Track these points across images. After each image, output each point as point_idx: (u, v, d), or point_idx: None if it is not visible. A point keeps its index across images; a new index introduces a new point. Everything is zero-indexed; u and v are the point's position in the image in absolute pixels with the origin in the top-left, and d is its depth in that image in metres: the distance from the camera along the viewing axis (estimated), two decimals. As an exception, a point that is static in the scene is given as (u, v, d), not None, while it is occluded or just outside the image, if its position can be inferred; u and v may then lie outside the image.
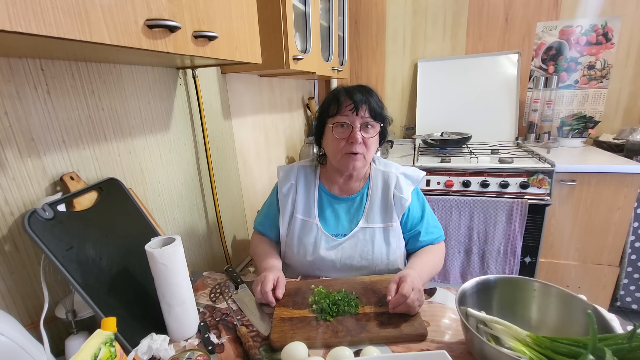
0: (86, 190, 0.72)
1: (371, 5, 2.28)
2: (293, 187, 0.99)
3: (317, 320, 0.73)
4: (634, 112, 2.00)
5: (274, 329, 0.71)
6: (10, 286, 0.63)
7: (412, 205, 0.96)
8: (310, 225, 0.95)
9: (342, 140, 0.88)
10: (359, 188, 0.98)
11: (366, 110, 0.87)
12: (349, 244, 0.93)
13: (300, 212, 0.97)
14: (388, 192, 0.95)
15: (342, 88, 0.91)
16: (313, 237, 0.95)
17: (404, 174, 0.98)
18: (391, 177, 0.96)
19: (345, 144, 0.88)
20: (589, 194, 1.59)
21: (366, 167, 0.96)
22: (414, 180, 0.97)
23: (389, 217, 0.93)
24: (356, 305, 0.75)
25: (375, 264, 0.92)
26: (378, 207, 0.95)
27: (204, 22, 0.66)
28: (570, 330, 0.61)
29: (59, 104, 0.69)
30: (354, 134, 0.86)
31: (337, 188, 0.99)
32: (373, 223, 0.93)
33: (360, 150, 0.87)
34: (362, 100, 0.87)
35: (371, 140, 0.89)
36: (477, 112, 2.15)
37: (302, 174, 1.00)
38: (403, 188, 0.94)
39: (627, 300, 1.73)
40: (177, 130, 1.05)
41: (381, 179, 0.97)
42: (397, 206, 0.93)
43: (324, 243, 0.94)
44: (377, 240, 0.92)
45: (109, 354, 0.50)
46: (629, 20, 1.89)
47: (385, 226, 0.93)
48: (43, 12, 0.38)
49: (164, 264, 0.65)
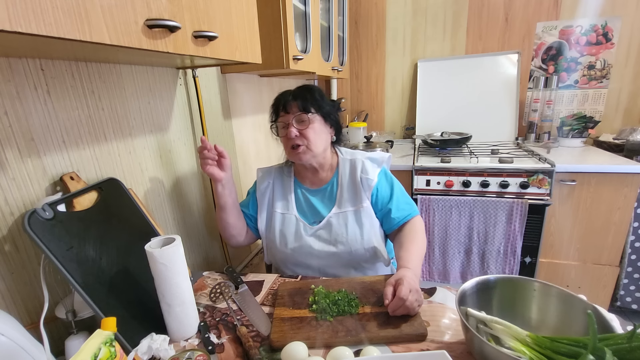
0: (86, 190, 0.72)
1: (371, 5, 2.28)
2: (270, 185, 1.06)
3: (317, 320, 0.73)
4: (634, 112, 2.00)
5: (274, 329, 0.71)
6: (10, 286, 0.63)
7: (380, 185, 1.01)
8: (290, 217, 1.02)
9: (284, 138, 0.97)
10: (328, 178, 1.05)
11: (295, 105, 0.95)
12: (324, 230, 0.99)
13: (280, 208, 1.04)
14: (355, 176, 1.01)
15: (277, 95, 1.00)
16: (293, 227, 1.01)
17: (370, 158, 1.04)
18: (357, 163, 1.02)
19: (287, 140, 0.96)
20: (589, 194, 1.59)
21: (318, 156, 0.99)
22: (379, 162, 1.03)
23: (359, 200, 0.99)
24: (356, 305, 0.75)
25: (350, 245, 0.96)
26: (347, 192, 1.00)
27: (204, 22, 0.65)
28: (570, 330, 0.61)
29: (59, 104, 0.69)
30: (288, 130, 0.94)
31: (309, 181, 1.06)
32: (345, 208, 0.99)
33: (299, 142, 0.94)
34: (291, 99, 0.95)
35: (307, 131, 0.95)
36: (477, 112, 2.15)
37: (279, 174, 1.08)
38: (369, 170, 1.00)
39: (627, 300, 1.73)
40: (177, 130, 1.05)
41: (349, 166, 1.03)
42: (365, 187, 0.99)
43: (302, 232, 1.00)
44: (349, 223, 0.97)
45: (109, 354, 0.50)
46: (629, 20, 1.89)
47: (356, 209, 0.98)
48: (43, 12, 0.38)
49: (164, 264, 0.65)
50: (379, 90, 2.43)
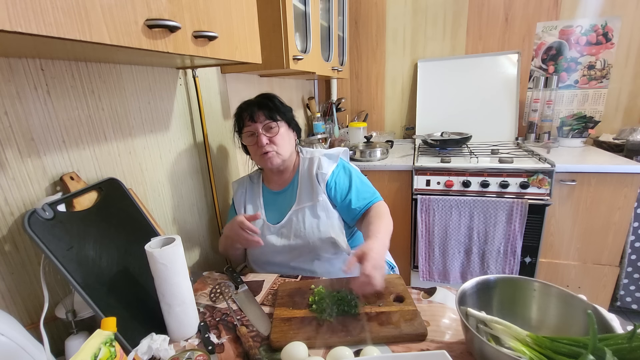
0: (86, 190, 0.72)
1: (371, 5, 2.28)
2: (244, 194, 1.12)
3: (317, 320, 0.73)
4: (634, 112, 2.00)
5: (274, 329, 0.71)
6: (10, 286, 0.63)
7: (338, 178, 1.05)
8: (257, 221, 1.05)
9: (254, 146, 1.02)
10: (291, 178, 1.09)
11: (261, 115, 0.99)
12: (285, 227, 1.03)
13: (251, 212, 1.08)
14: (312, 173, 1.05)
15: (240, 105, 1.04)
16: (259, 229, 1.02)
17: (326, 154, 1.09)
18: (314, 160, 1.07)
19: (258, 147, 1.00)
20: (589, 194, 1.59)
21: (287, 159, 1.05)
22: (335, 157, 1.09)
23: (315, 194, 1.03)
24: (356, 305, 0.75)
25: (308, 238, 1.00)
26: (305, 188, 1.05)
27: (204, 22, 0.65)
28: (570, 330, 0.61)
29: (59, 104, 0.69)
30: (259, 139, 0.99)
31: (275, 184, 1.11)
32: (303, 203, 1.03)
33: (269, 149, 0.99)
34: (256, 108, 0.99)
35: (277, 138, 1.00)
36: (477, 112, 2.15)
37: (249, 182, 1.14)
38: (324, 165, 1.05)
39: (627, 300, 1.73)
40: (177, 130, 1.05)
41: (307, 164, 1.08)
42: (321, 182, 1.03)
43: (265, 231, 1.04)
44: (307, 217, 1.01)
45: (109, 354, 0.50)
46: (629, 20, 1.89)
47: (313, 203, 1.02)
48: (43, 12, 0.38)
49: (164, 264, 0.65)
50: (379, 90, 2.43)
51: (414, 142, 2.24)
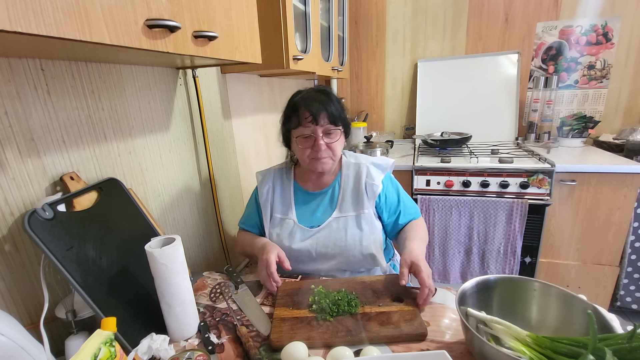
0: (86, 190, 0.72)
1: (371, 5, 2.28)
2: (271, 188, 1.04)
3: (317, 320, 0.73)
4: (634, 112, 2.00)
5: (274, 329, 0.71)
6: (10, 286, 0.63)
7: (387, 191, 1.01)
8: (288, 222, 1.00)
9: (307, 148, 0.94)
10: (330, 181, 1.03)
11: (325, 117, 0.91)
12: (323, 233, 0.97)
13: (279, 212, 1.02)
14: (360, 182, 0.99)
15: (300, 98, 0.94)
16: (288, 230, 0.99)
17: (374, 164, 1.03)
18: (362, 168, 1.01)
19: (311, 151, 0.93)
20: (589, 194, 1.59)
21: (335, 163, 1.01)
22: (384, 168, 1.03)
23: (361, 205, 0.98)
24: (356, 305, 0.75)
25: (348, 249, 0.95)
26: (350, 196, 0.99)
27: (204, 22, 0.65)
28: (570, 330, 0.61)
29: (59, 104, 0.69)
30: (318, 144, 0.91)
31: (311, 184, 1.04)
32: (346, 212, 0.98)
33: (325, 155, 0.93)
34: (320, 109, 0.90)
35: (335, 144, 0.94)
36: (477, 112, 2.15)
37: (279, 176, 1.06)
38: (374, 176, 0.99)
39: (627, 300, 1.73)
40: (177, 130, 1.05)
41: (353, 171, 1.02)
42: (370, 193, 0.98)
43: (299, 235, 0.98)
44: (349, 227, 0.96)
45: (109, 354, 0.50)
46: (629, 20, 1.89)
47: (358, 214, 0.97)
48: (43, 12, 0.38)
49: (164, 264, 0.65)
50: (379, 90, 2.43)
51: (414, 142, 2.24)
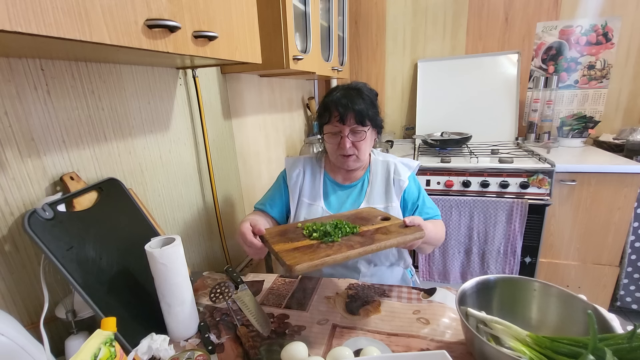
0: (86, 190, 0.72)
1: (371, 5, 2.28)
2: (301, 173, 1.07)
3: (325, 243, 0.70)
4: (634, 112, 2.00)
5: (285, 258, 0.65)
6: (10, 286, 0.63)
7: (410, 188, 1.04)
8: (316, 207, 1.03)
9: (335, 145, 0.98)
10: (360, 176, 1.07)
11: (352, 117, 0.94)
12: None
13: (307, 197, 1.05)
14: (388, 177, 1.04)
15: (332, 97, 0.97)
16: (317, 216, 0.99)
17: (401, 162, 1.08)
18: (390, 165, 1.06)
19: (338, 148, 0.97)
20: (589, 194, 1.59)
21: (362, 162, 1.03)
22: (410, 167, 1.07)
23: (389, 198, 1.01)
24: (355, 227, 0.76)
25: None
26: (379, 190, 1.03)
27: (204, 22, 0.65)
28: (570, 330, 0.61)
29: (59, 104, 0.69)
30: (343, 142, 0.95)
31: (341, 177, 1.08)
32: (374, 204, 1.00)
33: (351, 153, 0.97)
34: (348, 109, 0.93)
35: (360, 143, 0.97)
36: (477, 112, 2.15)
37: (309, 164, 1.10)
38: (401, 172, 1.04)
39: (627, 300, 1.73)
40: (177, 130, 1.05)
41: (381, 167, 1.06)
42: (397, 188, 1.02)
43: None
44: None
45: (109, 354, 0.50)
46: (629, 20, 1.89)
47: (386, 206, 1.00)
48: (43, 12, 0.38)
49: (164, 264, 0.65)
50: (379, 90, 2.41)
51: (414, 142, 2.24)
